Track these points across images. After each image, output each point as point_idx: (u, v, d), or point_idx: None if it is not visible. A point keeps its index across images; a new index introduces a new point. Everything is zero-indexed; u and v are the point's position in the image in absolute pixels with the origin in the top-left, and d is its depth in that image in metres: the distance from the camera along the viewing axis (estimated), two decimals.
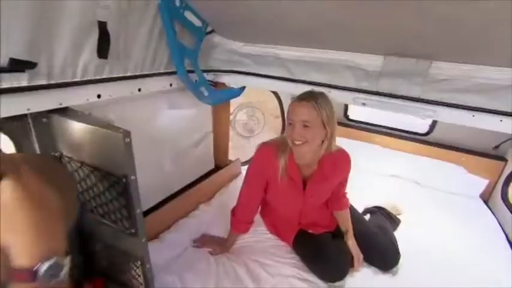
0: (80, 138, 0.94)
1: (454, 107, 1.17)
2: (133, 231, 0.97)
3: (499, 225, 1.97)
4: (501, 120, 1.12)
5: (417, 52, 1.14)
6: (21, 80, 0.83)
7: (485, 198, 2.37)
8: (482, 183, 2.38)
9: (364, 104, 1.31)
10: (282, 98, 2.41)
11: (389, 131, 2.83)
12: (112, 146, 0.86)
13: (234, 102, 2.10)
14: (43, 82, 0.89)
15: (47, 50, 0.86)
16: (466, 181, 2.41)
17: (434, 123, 2.58)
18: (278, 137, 1.49)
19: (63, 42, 0.89)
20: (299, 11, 1.10)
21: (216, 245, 1.52)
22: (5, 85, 0.80)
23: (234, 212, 1.51)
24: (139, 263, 1.06)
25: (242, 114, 2.25)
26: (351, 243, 1.49)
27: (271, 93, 2.29)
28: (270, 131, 2.23)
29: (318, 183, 1.42)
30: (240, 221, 1.50)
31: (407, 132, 2.77)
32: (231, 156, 2.26)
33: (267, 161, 1.39)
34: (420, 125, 2.81)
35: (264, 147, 1.42)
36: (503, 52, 0.97)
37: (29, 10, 0.76)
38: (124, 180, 0.88)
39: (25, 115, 0.93)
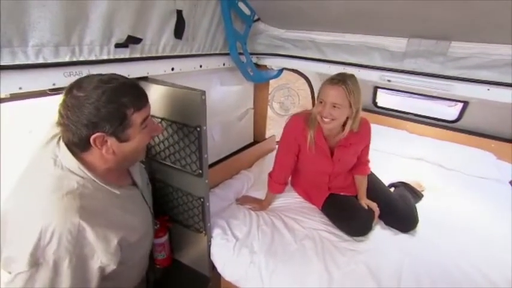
0: (161, 98, 1.18)
1: (471, 81, 1.30)
2: (200, 171, 1.21)
3: None
4: None
5: (438, 34, 1.28)
6: (125, 53, 1.12)
7: None
8: None
9: (389, 81, 1.47)
10: (311, 82, 2.55)
11: (416, 117, 2.78)
12: (190, 102, 1.11)
13: (272, 84, 2.30)
14: (137, 55, 1.17)
15: (143, 32, 1.14)
16: (494, 166, 2.35)
17: (463, 110, 2.50)
18: (307, 110, 1.65)
19: (153, 25, 1.16)
20: (333, 1, 1.28)
21: (255, 204, 1.73)
22: (117, 56, 1.09)
23: (270, 175, 1.71)
24: (201, 200, 1.28)
25: (279, 94, 2.47)
26: (364, 202, 1.64)
27: (302, 78, 2.48)
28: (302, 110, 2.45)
29: (344, 149, 1.57)
30: (276, 182, 1.69)
31: (435, 119, 2.72)
32: (268, 133, 2.44)
33: (298, 130, 1.57)
34: (449, 112, 2.76)
35: (295, 117, 1.61)
36: None
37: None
38: (198, 129, 1.12)
39: None
